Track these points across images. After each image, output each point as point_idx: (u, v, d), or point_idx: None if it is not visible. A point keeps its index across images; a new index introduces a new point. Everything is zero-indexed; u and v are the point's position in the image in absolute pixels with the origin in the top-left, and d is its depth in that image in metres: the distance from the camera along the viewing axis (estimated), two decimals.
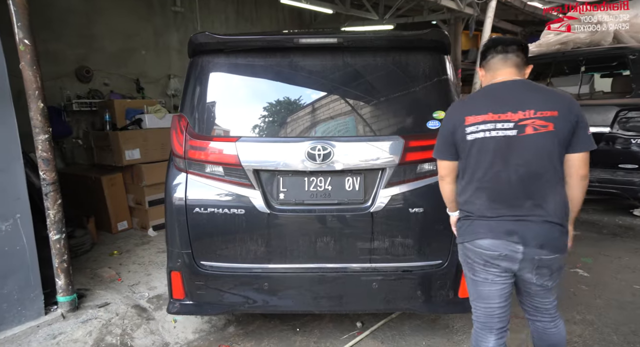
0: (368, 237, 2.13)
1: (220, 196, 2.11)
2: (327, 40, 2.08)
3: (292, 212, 2.12)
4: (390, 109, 2.18)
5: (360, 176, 2.11)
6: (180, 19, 6.97)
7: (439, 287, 2.19)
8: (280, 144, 2.11)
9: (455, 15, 7.61)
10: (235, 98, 2.21)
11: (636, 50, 3.93)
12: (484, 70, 1.78)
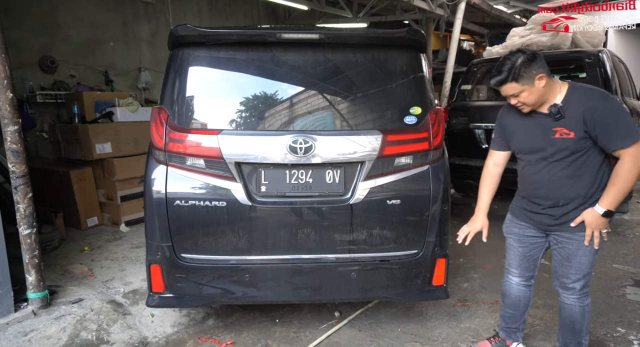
0: (347, 228, 2.20)
1: (202, 188, 2.11)
2: (309, 36, 2.12)
3: (273, 205, 2.16)
4: (370, 104, 2.25)
5: (340, 169, 2.17)
6: (151, 11, 6.79)
7: (414, 275, 2.30)
8: (262, 137, 2.14)
9: (427, 16, 7.82)
10: (216, 91, 2.21)
11: (591, 54, 4.21)
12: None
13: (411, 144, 2.21)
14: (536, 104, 1.77)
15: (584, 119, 1.67)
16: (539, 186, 1.85)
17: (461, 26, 8.20)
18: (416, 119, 2.21)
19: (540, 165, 1.82)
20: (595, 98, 1.69)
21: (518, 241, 2.04)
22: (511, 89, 1.74)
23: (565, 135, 1.72)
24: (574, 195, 1.77)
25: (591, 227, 1.73)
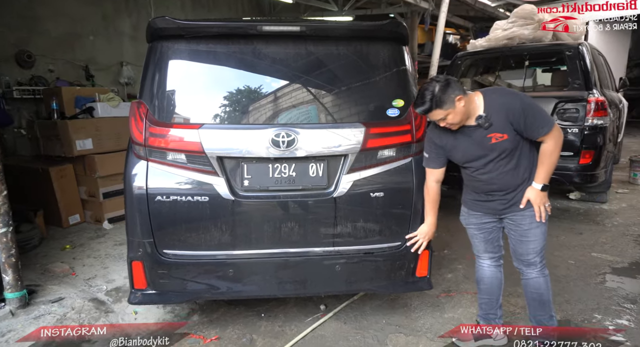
0: (331, 221, 2.20)
1: (183, 183, 2.08)
2: (290, 28, 2.10)
3: (256, 199, 2.15)
4: (352, 97, 2.24)
5: (323, 162, 2.17)
6: (133, 4, 6.64)
7: (398, 267, 2.32)
8: (244, 131, 2.12)
9: (412, 9, 7.83)
10: (197, 85, 2.18)
11: (571, 47, 4.27)
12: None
13: (394, 136, 2.21)
14: (462, 121, 1.92)
15: (509, 120, 1.87)
16: (492, 183, 2.01)
17: (446, 20, 8.23)
18: (399, 112, 2.22)
19: (489, 167, 1.98)
20: (508, 98, 1.91)
21: (478, 229, 2.18)
22: (437, 115, 1.89)
23: (500, 138, 1.90)
24: (520, 181, 1.98)
25: (536, 202, 1.96)
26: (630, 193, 5.20)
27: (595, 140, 3.98)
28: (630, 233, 3.83)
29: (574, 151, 4.05)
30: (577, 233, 3.87)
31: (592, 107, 3.93)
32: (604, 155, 4.14)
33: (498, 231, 2.18)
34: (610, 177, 4.70)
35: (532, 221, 1.99)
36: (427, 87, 1.87)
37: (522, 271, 2.11)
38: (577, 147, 4.03)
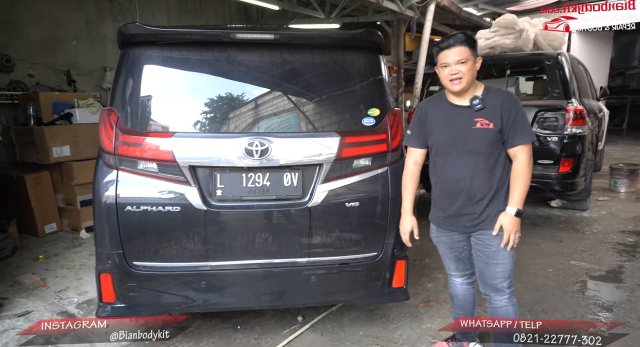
0: (306, 232, 2.17)
1: (154, 193, 2.04)
2: (264, 36, 2.08)
3: (229, 209, 2.11)
4: (327, 106, 2.23)
5: (298, 171, 2.14)
6: (117, 8, 6.57)
7: (374, 278, 2.29)
8: (217, 140, 2.08)
9: (398, 17, 7.89)
10: (170, 92, 2.14)
11: (551, 57, 4.34)
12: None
13: (369, 145, 2.20)
14: (467, 85, 1.83)
15: (502, 110, 1.81)
16: (461, 178, 1.88)
17: (433, 28, 8.32)
18: (374, 121, 2.21)
19: (462, 160, 1.87)
20: (508, 94, 1.88)
21: (448, 247, 2.07)
22: (462, 53, 1.79)
23: (485, 125, 1.81)
24: (488, 189, 1.87)
25: (509, 230, 1.83)
26: (611, 201, 5.27)
27: (574, 148, 4.03)
28: (609, 241, 3.87)
29: (554, 159, 4.09)
30: (557, 241, 3.90)
31: (570, 116, 3.98)
32: (583, 164, 4.19)
33: (469, 250, 2.06)
34: (590, 185, 4.76)
35: (500, 242, 1.87)
36: (460, 32, 1.86)
37: (489, 298, 1.99)
38: (557, 155, 4.07)
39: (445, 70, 1.84)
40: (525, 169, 1.83)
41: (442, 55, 1.84)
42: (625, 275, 3.16)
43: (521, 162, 1.83)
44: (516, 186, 1.84)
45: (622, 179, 5.58)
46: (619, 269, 3.26)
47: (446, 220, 2.01)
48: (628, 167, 5.66)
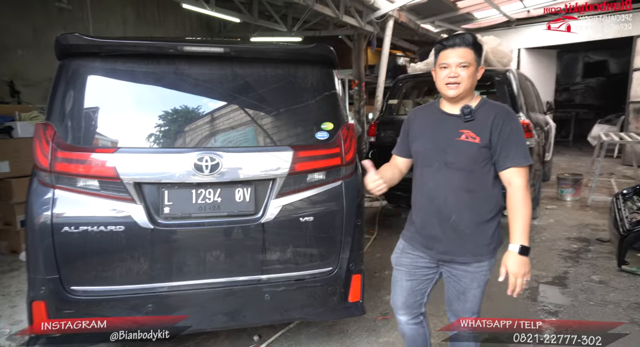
0: (260, 248, 2.12)
1: (95, 212, 1.92)
2: (213, 49, 2.04)
3: (178, 227, 2.02)
4: (280, 120, 2.21)
5: (250, 186, 2.09)
6: (67, 17, 6.31)
7: (330, 294, 2.26)
8: (164, 155, 2.01)
9: (358, 32, 8.09)
10: (113, 106, 2.04)
11: (500, 73, 4.56)
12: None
13: (323, 159, 2.19)
14: (464, 93, 1.62)
15: (493, 125, 1.60)
16: (435, 196, 1.68)
17: (393, 43, 8.59)
18: (328, 135, 2.21)
19: (440, 173, 1.66)
20: (504, 110, 1.67)
21: (407, 273, 1.81)
22: (466, 56, 1.59)
23: (471, 139, 1.61)
24: (468, 214, 1.64)
25: (515, 273, 1.54)
26: (558, 209, 5.56)
27: None
28: (556, 248, 4.06)
29: None
30: None
31: None
32: (532, 174, 4.40)
33: (428, 283, 1.81)
34: (539, 195, 5.00)
35: (473, 280, 1.68)
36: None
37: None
38: None
39: (443, 72, 1.62)
40: (523, 197, 1.57)
41: (443, 55, 1.63)
42: (570, 280, 3.31)
43: (517, 188, 1.58)
44: (516, 217, 1.57)
45: (568, 188, 5.91)
46: (564, 275, 3.42)
47: (418, 239, 1.78)
48: (573, 177, 6.01)
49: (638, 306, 2.87)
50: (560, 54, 12.01)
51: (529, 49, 10.34)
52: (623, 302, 2.93)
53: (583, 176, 6.29)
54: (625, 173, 7.73)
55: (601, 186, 6.43)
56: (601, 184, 6.54)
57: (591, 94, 14.66)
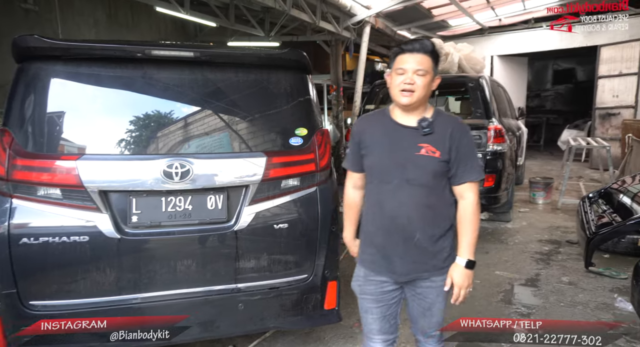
0: (233, 257, 2.07)
1: (57, 222, 1.83)
2: (182, 54, 2.00)
3: (147, 236, 1.96)
4: (253, 126, 2.18)
5: (223, 193, 2.05)
6: (34, 19, 6.07)
7: (305, 301, 2.23)
8: (131, 162, 1.94)
9: (336, 38, 8.13)
10: (77, 111, 1.96)
11: (473, 80, 4.67)
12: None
13: (297, 165, 2.17)
14: (418, 102, 1.55)
15: (451, 139, 1.55)
16: (398, 214, 1.59)
17: (370, 48, 8.68)
18: (302, 141, 2.19)
19: (402, 191, 1.58)
20: (460, 124, 1.63)
21: (375, 301, 1.70)
22: (424, 63, 1.52)
23: (431, 153, 1.54)
24: (430, 230, 1.59)
25: (460, 284, 1.57)
26: (531, 212, 5.71)
27: (496, 164, 4.32)
28: (528, 250, 4.16)
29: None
30: (484, 252, 4.11)
31: (491, 134, 4.28)
32: (505, 178, 4.51)
33: (398, 305, 1.74)
34: (512, 198, 5.12)
35: (439, 294, 1.63)
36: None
37: (419, 340, 1.79)
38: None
39: (399, 78, 1.54)
40: (474, 211, 1.58)
41: (400, 59, 1.54)
42: (541, 282, 3.39)
43: (469, 202, 1.58)
44: (465, 231, 1.58)
45: (540, 191, 6.08)
46: (536, 277, 3.50)
47: (380, 261, 1.66)
48: (544, 181, 6.19)
49: (605, 306, 2.96)
50: (531, 62, 12.43)
51: (502, 56, 10.65)
52: (591, 302, 3.02)
53: (553, 179, 6.49)
54: (592, 176, 8.02)
55: (570, 189, 6.65)
56: (570, 187, 6.77)
57: (560, 100, 15.21)
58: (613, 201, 3.75)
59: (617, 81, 9.14)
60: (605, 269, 3.52)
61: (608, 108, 9.30)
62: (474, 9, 8.54)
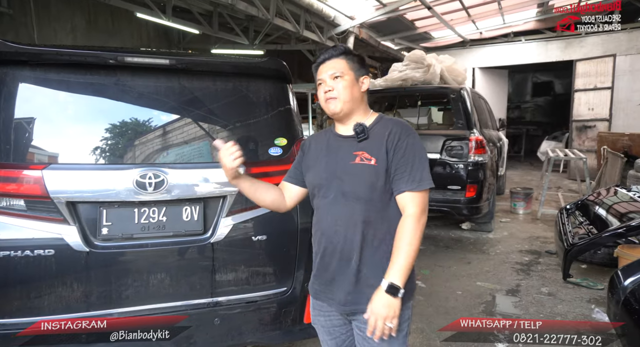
0: (209, 270, 2.00)
1: (20, 235, 1.74)
2: (157, 61, 1.94)
3: (118, 249, 1.87)
4: (231, 136, 2.13)
5: (199, 204, 1.98)
6: (8, 23, 5.91)
7: (284, 315, 2.17)
8: (102, 172, 1.86)
9: (320, 47, 8.17)
10: (44, 119, 1.87)
11: (455, 91, 4.74)
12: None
13: (276, 176, 2.09)
14: (347, 107, 1.43)
15: (387, 142, 1.39)
16: (333, 232, 1.43)
17: None
18: (281, 151, 2.15)
19: (337, 205, 1.42)
20: (401, 124, 1.46)
21: (328, 333, 1.54)
22: (337, 66, 1.43)
23: (366, 160, 1.39)
24: (369, 252, 1.39)
25: (374, 313, 1.29)
26: (512, 222, 5.77)
27: (477, 175, 4.36)
28: (509, 261, 4.18)
29: (461, 185, 4.39)
30: (466, 263, 4.12)
31: (472, 145, 4.33)
32: (486, 188, 4.55)
33: (353, 340, 1.52)
34: (493, 208, 5.17)
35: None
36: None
37: None
38: (463, 181, 4.37)
39: (321, 89, 1.47)
40: (412, 228, 1.32)
41: (318, 72, 1.49)
42: (521, 293, 3.41)
43: (407, 216, 1.34)
44: (398, 250, 1.31)
45: (520, 201, 6.17)
46: (516, 288, 3.51)
47: (323, 289, 1.50)
48: (524, 191, 6.29)
49: (583, 317, 2.99)
50: (511, 74, 12.75)
51: (483, 68, 10.89)
52: (569, 313, 3.04)
53: (533, 189, 6.60)
54: (570, 187, 8.20)
55: (550, 200, 6.77)
56: (550, 197, 6.89)
57: (540, 112, 15.61)
58: (589, 212, 3.81)
59: (592, 95, 9.44)
60: (582, 280, 3.56)
61: (584, 120, 9.58)
62: (456, 21, 8.73)
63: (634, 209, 3.36)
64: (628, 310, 1.98)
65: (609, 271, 2.70)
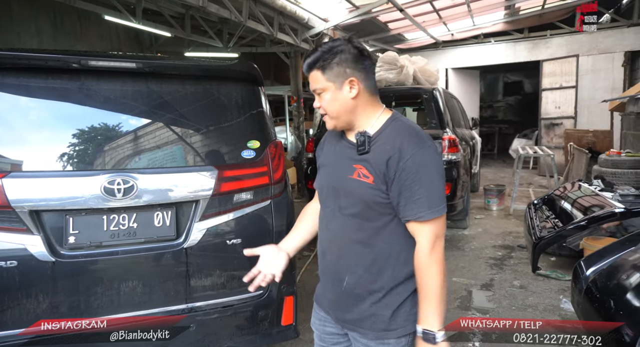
0: (183, 275, 1.97)
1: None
2: (123, 64, 1.90)
3: (86, 258, 1.82)
4: (202, 139, 2.10)
5: (171, 209, 1.95)
6: None
7: (261, 318, 2.16)
8: (67, 179, 1.81)
9: (294, 49, 8.17)
10: (2, 125, 1.81)
11: (427, 91, 4.83)
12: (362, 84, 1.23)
13: (250, 179, 2.12)
14: (340, 120, 1.24)
15: (390, 159, 1.16)
16: (327, 248, 1.33)
17: None
18: (254, 153, 2.14)
19: (334, 220, 1.29)
20: (411, 139, 1.17)
21: (320, 338, 1.44)
22: (315, 81, 1.23)
23: (363, 177, 1.20)
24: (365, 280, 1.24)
25: None
26: (486, 218, 5.92)
27: (451, 173, 4.45)
28: (483, 256, 4.29)
29: None
30: None
31: (446, 144, 4.42)
32: (460, 186, 4.65)
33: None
34: (468, 206, 5.29)
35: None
36: (333, 42, 1.22)
37: None
38: None
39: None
40: (426, 263, 1.15)
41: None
42: (495, 287, 3.50)
43: (420, 250, 1.17)
44: (420, 290, 1.17)
45: (493, 198, 6.34)
46: (490, 282, 3.61)
47: (321, 291, 1.42)
48: (497, 188, 6.46)
49: (552, 308, 3.10)
50: (483, 74, 13.09)
51: (456, 69, 11.14)
52: (540, 305, 3.15)
53: (506, 186, 6.79)
54: (541, 183, 8.48)
55: (521, 195, 6.98)
56: (521, 193, 7.11)
57: (511, 111, 16.09)
58: (555, 206, 3.96)
59: (559, 93, 9.81)
60: (551, 272, 3.68)
61: (552, 118, 9.94)
62: (428, 23, 8.89)
63: (595, 202, 3.51)
64: (589, 298, 2.06)
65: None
